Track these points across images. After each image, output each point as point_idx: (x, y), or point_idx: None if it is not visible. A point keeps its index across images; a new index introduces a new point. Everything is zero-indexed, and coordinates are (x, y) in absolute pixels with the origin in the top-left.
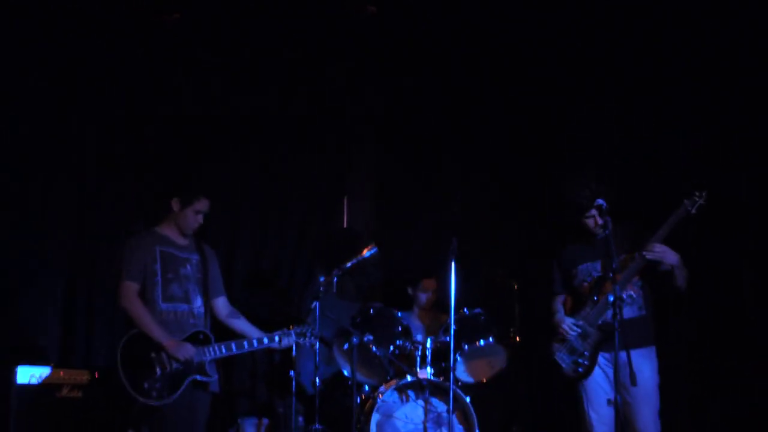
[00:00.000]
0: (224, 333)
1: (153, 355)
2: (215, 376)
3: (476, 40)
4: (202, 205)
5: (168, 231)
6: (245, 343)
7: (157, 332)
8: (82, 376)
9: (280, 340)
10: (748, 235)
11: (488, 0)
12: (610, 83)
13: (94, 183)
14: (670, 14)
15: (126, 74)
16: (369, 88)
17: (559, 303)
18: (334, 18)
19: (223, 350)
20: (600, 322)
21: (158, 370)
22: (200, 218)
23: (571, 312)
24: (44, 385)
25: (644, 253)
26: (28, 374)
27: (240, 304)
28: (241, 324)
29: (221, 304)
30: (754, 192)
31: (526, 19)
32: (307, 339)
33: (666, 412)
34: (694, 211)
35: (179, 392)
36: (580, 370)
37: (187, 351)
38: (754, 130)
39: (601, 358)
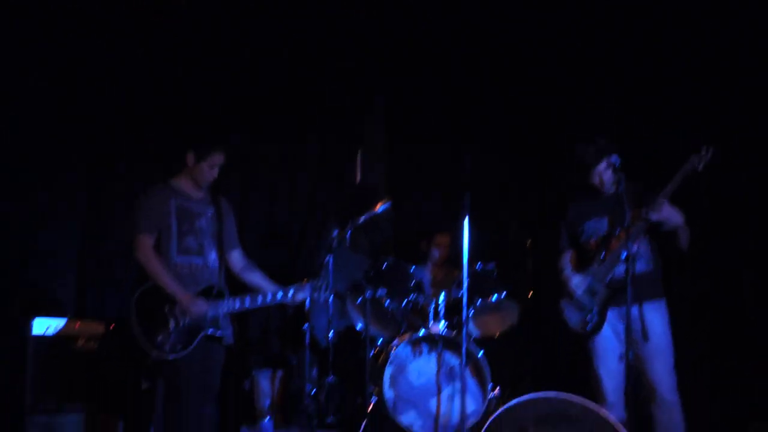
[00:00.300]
0: (239, 286)
1: (167, 308)
2: (229, 330)
3: None
4: (217, 159)
5: (183, 184)
6: (259, 297)
7: (171, 286)
8: (97, 328)
9: (294, 295)
10: (748, 235)
11: None
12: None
13: (109, 134)
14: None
15: (142, 34)
16: (383, 42)
17: (566, 260)
18: None
19: (237, 304)
20: (608, 278)
21: (172, 323)
22: (215, 172)
23: (578, 268)
24: (60, 337)
25: (650, 212)
26: (44, 326)
27: (253, 258)
28: (256, 278)
29: (236, 258)
30: (754, 192)
31: None
32: (321, 293)
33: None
34: (701, 167)
35: (192, 346)
36: (589, 327)
37: (201, 306)
38: (754, 130)
39: (611, 314)
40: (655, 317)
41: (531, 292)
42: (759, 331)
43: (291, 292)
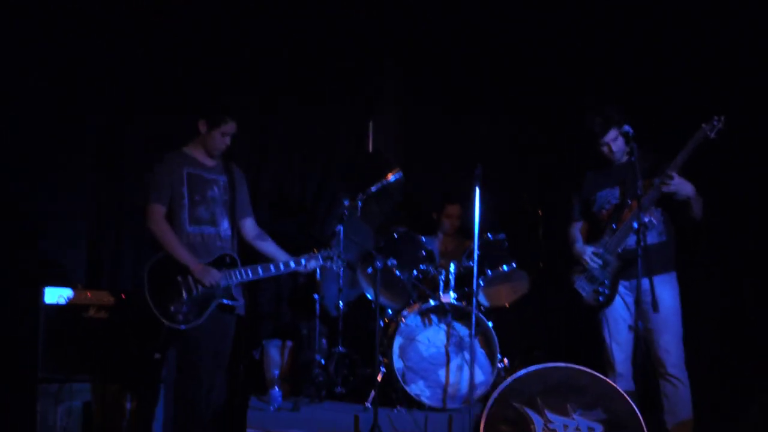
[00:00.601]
0: (252, 255)
1: (179, 278)
2: (241, 300)
3: None
4: (229, 127)
5: (195, 152)
6: (271, 266)
7: (184, 256)
8: (109, 298)
9: (306, 263)
10: (748, 235)
11: None
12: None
13: (120, 102)
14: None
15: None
16: (396, 12)
17: (577, 230)
18: None
19: (250, 274)
20: (620, 249)
21: (184, 293)
22: (227, 140)
23: (588, 239)
24: (71, 306)
25: (661, 184)
26: (56, 295)
27: (265, 227)
28: (269, 246)
29: (249, 226)
30: (754, 192)
31: None
32: (333, 262)
33: (688, 340)
34: (713, 135)
35: (205, 316)
36: (600, 299)
37: (213, 276)
38: (754, 130)
39: (621, 287)
40: (666, 290)
41: (541, 263)
42: None
43: (303, 260)
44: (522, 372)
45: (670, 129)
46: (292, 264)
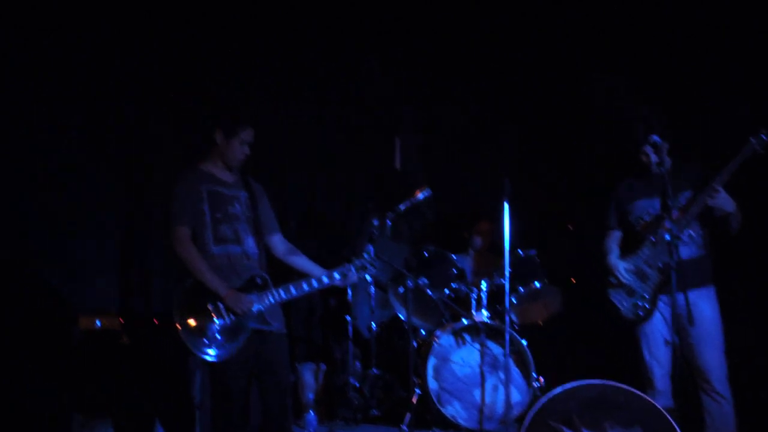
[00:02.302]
0: (283, 271)
1: (210, 306)
2: (278, 321)
3: None
4: (248, 134)
5: (213, 167)
6: (304, 284)
7: (214, 282)
8: (140, 325)
9: (341, 278)
10: None
11: None
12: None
13: (144, 129)
14: None
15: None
16: (421, 29)
17: (613, 241)
18: None
19: (283, 295)
20: (660, 263)
21: (217, 323)
22: (246, 149)
23: (625, 251)
24: (104, 332)
25: (707, 198)
26: (89, 322)
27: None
28: (302, 261)
29: (277, 241)
30: None
31: None
32: (368, 270)
33: (732, 354)
34: (761, 149)
35: (239, 345)
36: (640, 313)
37: (246, 303)
38: None
39: (660, 301)
40: (705, 304)
41: (573, 279)
42: None
43: (337, 275)
44: (558, 390)
45: (715, 137)
46: (325, 279)
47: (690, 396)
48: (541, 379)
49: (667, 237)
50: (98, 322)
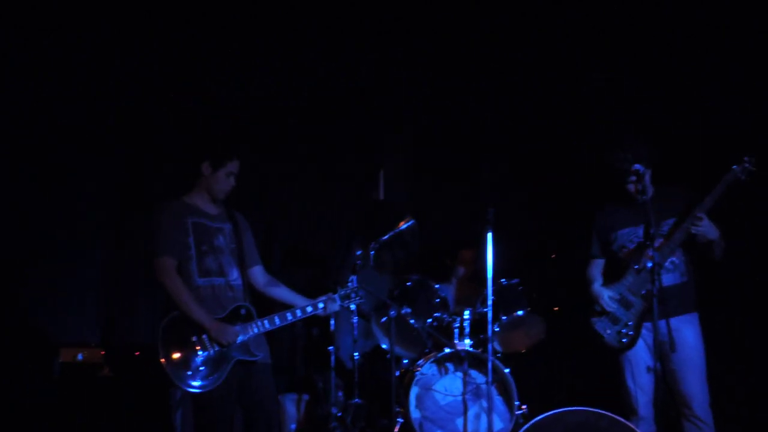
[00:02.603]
0: (265, 303)
1: (194, 338)
2: (260, 354)
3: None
4: (234, 165)
5: (198, 200)
6: (288, 314)
7: (198, 314)
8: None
9: (325, 307)
10: None
11: None
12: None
13: (130, 160)
14: None
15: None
16: (406, 59)
17: (596, 270)
18: None
19: (267, 325)
20: (644, 291)
21: (201, 354)
22: (232, 180)
23: (609, 279)
24: (85, 364)
25: (690, 227)
26: (71, 354)
27: (278, 278)
28: (282, 292)
29: (258, 273)
30: None
31: None
32: (352, 300)
33: (714, 380)
34: (744, 177)
35: (224, 376)
36: (624, 340)
37: (230, 334)
38: None
39: (643, 328)
40: (688, 330)
41: (556, 308)
42: None
43: (321, 304)
44: (540, 417)
45: (716, 137)
46: (309, 309)
47: (672, 422)
48: (524, 407)
49: (649, 264)
50: (80, 355)
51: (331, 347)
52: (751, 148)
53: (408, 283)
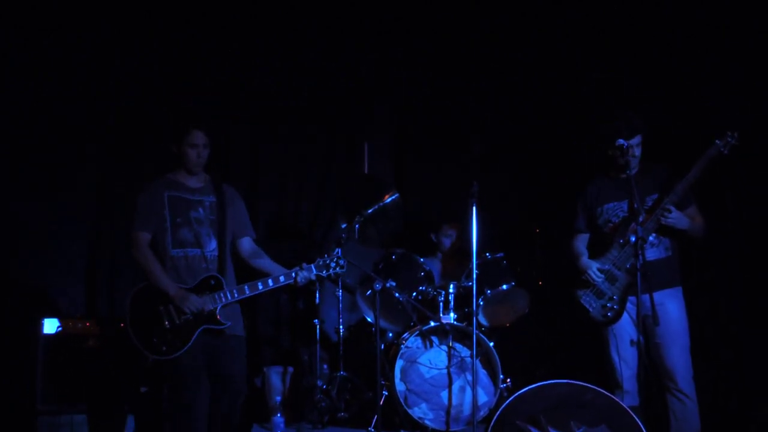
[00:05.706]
0: (254, 274)
1: (161, 308)
2: (233, 321)
3: None
4: (194, 137)
5: (179, 175)
6: (259, 284)
7: (163, 282)
8: (107, 328)
9: (296, 276)
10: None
11: None
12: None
13: (118, 133)
14: None
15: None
16: (392, 32)
17: (581, 244)
18: None
19: (236, 294)
20: (628, 265)
21: (167, 323)
22: (200, 152)
23: (593, 253)
24: (69, 336)
25: (659, 217)
26: (53, 326)
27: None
28: (264, 262)
29: (245, 245)
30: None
31: None
32: (331, 269)
33: (697, 353)
34: (726, 151)
35: (190, 344)
36: (609, 314)
37: (193, 303)
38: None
39: (628, 302)
40: (672, 304)
41: (540, 281)
42: None
43: (293, 273)
44: (524, 390)
45: (685, 140)
46: (282, 278)
47: (655, 395)
48: (508, 381)
49: (633, 239)
50: (60, 326)
51: (316, 320)
52: (751, 148)
53: (393, 257)
